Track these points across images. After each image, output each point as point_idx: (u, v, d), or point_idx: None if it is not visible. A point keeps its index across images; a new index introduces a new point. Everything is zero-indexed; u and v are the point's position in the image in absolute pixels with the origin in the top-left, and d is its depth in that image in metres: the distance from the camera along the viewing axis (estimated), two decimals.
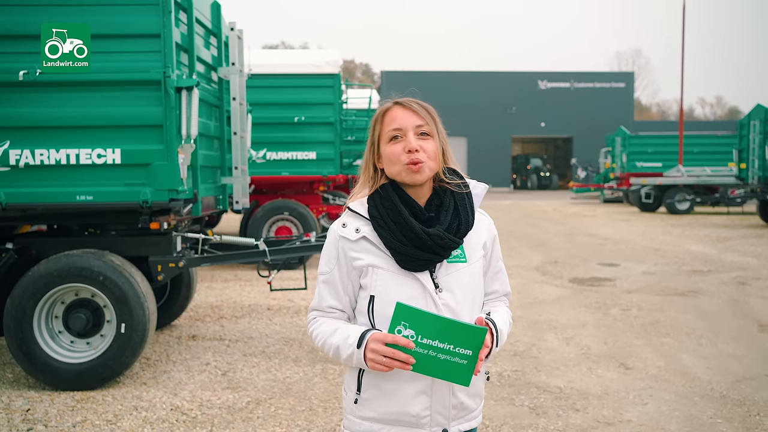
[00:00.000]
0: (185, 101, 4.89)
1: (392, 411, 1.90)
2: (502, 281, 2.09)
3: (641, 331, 6.81)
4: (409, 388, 1.88)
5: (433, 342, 1.72)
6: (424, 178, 1.89)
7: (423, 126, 1.90)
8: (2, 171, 4.79)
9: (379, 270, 1.89)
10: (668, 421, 4.38)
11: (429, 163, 1.89)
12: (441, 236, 1.85)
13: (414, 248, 1.85)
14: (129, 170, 4.87)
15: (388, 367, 1.77)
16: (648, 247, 13.70)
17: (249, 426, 4.28)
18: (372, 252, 1.90)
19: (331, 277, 1.95)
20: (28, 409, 4.55)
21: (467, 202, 1.95)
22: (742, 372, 5.43)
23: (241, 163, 6.37)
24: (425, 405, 1.89)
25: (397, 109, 1.93)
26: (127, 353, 4.95)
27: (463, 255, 1.93)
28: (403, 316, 1.72)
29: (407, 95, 1.99)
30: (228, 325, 7.03)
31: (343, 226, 1.94)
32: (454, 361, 1.73)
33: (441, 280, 1.90)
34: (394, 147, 1.89)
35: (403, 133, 1.89)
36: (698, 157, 26.10)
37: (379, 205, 1.92)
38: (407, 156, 1.87)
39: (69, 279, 4.89)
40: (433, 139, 1.91)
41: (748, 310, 7.77)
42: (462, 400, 1.94)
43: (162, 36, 4.81)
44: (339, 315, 1.97)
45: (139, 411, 4.53)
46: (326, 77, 11.18)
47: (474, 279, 1.96)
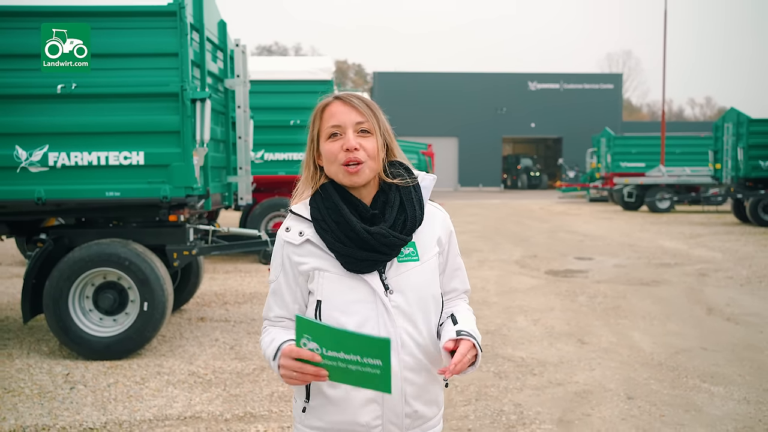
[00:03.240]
0: (199, 111, 5.68)
1: (341, 420, 1.83)
2: (462, 278, 2.01)
3: (602, 314, 7.63)
4: (358, 395, 1.81)
5: (338, 354, 1.62)
6: (362, 180, 1.82)
7: (363, 123, 1.82)
8: (42, 171, 5.57)
9: (324, 273, 1.82)
10: (609, 382, 5.20)
11: (369, 162, 1.81)
12: (384, 234, 1.78)
13: (357, 249, 1.78)
14: (151, 170, 5.66)
15: (302, 381, 1.69)
16: (624, 243, 14.54)
17: (256, 386, 5.08)
18: (317, 255, 1.83)
19: (277, 286, 1.90)
20: (68, 373, 5.34)
21: (414, 196, 1.87)
22: (682, 346, 6.26)
23: (245, 163, 7.16)
24: (376, 414, 1.82)
25: (337, 105, 1.84)
26: (149, 328, 5.74)
27: (415, 253, 1.85)
28: (304, 329, 1.64)
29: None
30: (232, 309, 7.82)
31: (286, 230, 1.88)
32: (366, 371, 1.61)
33: (391, 281, 1.82)
34: (333, 145, 1.81)
35: (342, 130, 1.81)
36: (680, 157, 26.99)
37: (320, 205, 1.84)
38: (345, 155, 1.79)
39: (99, 264, 5.68)
40: (373, 137, 1.83)
41: (702, 297, 8.60)
42: (416, 409, 1.85)
43: (179, 55, 5.60)
44: (287, 324, 1.90)
45: (162, 375, 5.33)
46: (320, 83, 11.98)
47: (428, 278, 1.87)
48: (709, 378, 5.29)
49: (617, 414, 4.55)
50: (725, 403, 4.74)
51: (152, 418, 4.42)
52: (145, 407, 4.62)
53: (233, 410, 4.57)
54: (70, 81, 5.51)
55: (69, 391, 4.95)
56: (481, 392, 4.96)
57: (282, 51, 78.81)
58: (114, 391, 4.96)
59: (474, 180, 48.05)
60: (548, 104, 49.19)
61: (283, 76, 11.86)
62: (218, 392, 4.94)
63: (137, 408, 4.61)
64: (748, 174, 17.95)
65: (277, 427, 4.27)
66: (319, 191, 1.87)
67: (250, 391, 4.96)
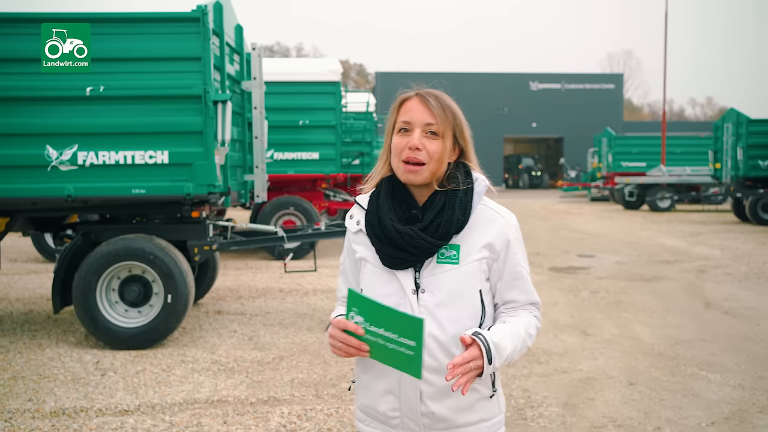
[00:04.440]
0: (221, 112, 5.96)
1: (367, 404, 1.92)
2: (523, 289, 1.92)
3: (604, 308, 7.91)
4: (379, 384, 1.87)
5: (379, 330, 1.70)
6: (419, 180, 1.84)
7: (433, 125, 1.83)
8: (72, 169, 5.85)
9: (367, 264, 1.91)
10: (611, 370, 5.48)
11: (430, 165, 1.83)
12: (411, 235, 1.80)
13: (390, 246, 1.83)
14: (175, 168, 5.94)
15: (346, 353, 1.75)
16: (625, 240, 14.82)
17: (277, 374, 5.36)
18: (365, 245, 1.92)
19: (344, 268, 2.02)
20: (97, 361, 5.63)
21: (460, 201, 1.85)
22: (681, 337, 6.54)
23: (261, 162, 7.44)
24: (393, 405, 1.86)
25: (414, 101, 1.87)
26: (173, 319, 6.02)
27: (456, 256, 1.84)
28: (354, 303, 1.73)
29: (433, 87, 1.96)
30: (247, 303, 8.10)
31: (350, 218, 1.97)
32: (401, 351, 1.67)
33: (424, 281, 1.84)
34: (400, 139, 1.85)
35: (411, 127, 1.84)
36: (681, 157, 27.26)
37: (374, 198, 1.91)
38: (407, 152, 1.82)
39: (125, 258, 5.97)
40: (440, 140, 1.84)
41: (700, 292, 8.88)
42: (434, 410, 1.83)
43: (202, 59, 5.87)
44: None
45: (186, 363, 5.61)
46: (328, 84, 12.27)
47: (465, 282, 1.84)
48: (707, 366, 5.57)
49: (619, 398, 4.83)
50: (721, 388, 5.02)
51: (182, 402, 4.70)
52: (174, 392, 4.90)
53: (257, 395, 4.85)
54: (99, 84, 5.79)
55: (101, 377, 5.23)
56: None
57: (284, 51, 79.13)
58: (143, 377, 5.24)
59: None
60: (550, 104, 49.46)
61: (292, 78, 12.14)
62: (241, 378, 5.22)
63: (167, 392, 4.89)
64: (747, 173, 18.22)
65: (300, 409, 4.55)
66: (378, 184, 1.94)
67: (272, 378, 5.24)
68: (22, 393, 4.86)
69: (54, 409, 4.53)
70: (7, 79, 5.79)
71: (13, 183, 5.84)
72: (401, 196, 1.89)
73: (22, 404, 4.62)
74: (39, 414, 4.45)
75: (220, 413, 4.48)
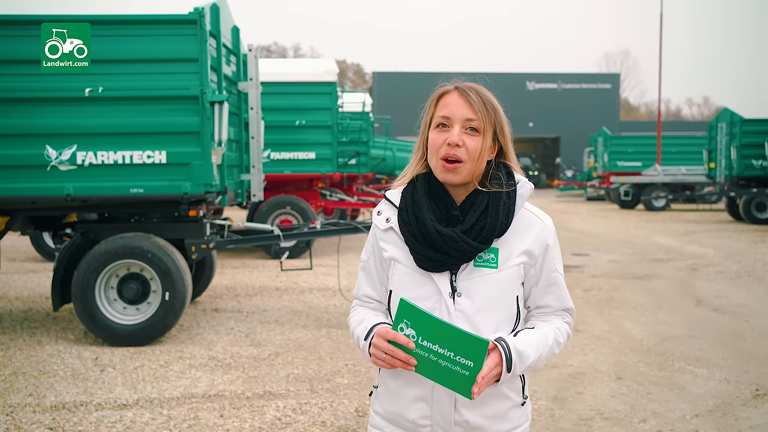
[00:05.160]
0: (217, 113, 6.06)
1: (393, 411, 1.86)
2: (558, 295, 1.88)
3: (596, 306, 8.02)
4: (410, 391, 1.81)
5: (433, 346, 1.63)
6: (458, 180, 1.77)
7: (474, 121, 1.76)
8: (71, 169, 5.95)
9: (398, 264, 1.82)
10: (601, 365, 5.60)
11: (468, 164, 1.76)
12: (454, 238, 1.73)
13: (428, 247, 1.75)
14: (172, 168, 6.04)
15: (390, 365, 1.69)
16: (619, 239, 14.94)
17: (272, 369, 5.46)
18: (397, 244, 1.83)
19: (368, 265, 1.92)
20: (96, 357, 5.73)
21: (503, 203, 1.79)
22: (671, 333, 6.65)
23: (257, 162, 7.54)
24: (424, 413, 1.80)
25: (453, 96, 1.80)
26: (170, 317, 6.12)
27: (495, 260, 1.78)
28: (406, 314, 1.65)
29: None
30: (243, 301, 8.20)
31: (378, 214, 1.89)
32: (455, 370, 1.63)
33: (461, 284, 1.77)
34: (438, 136, 1.77)
35: (450, 122, 1.77)
36: (676, 156, 27.43)
37: (408, 196, 1.83)
38: (446, 149, 1.75)
39: (124, 256, 6.07)
40: (480, 137, 1.77)
41: (692, 290, 9.00)
42: (468, 419, 1.79)
43: (199, 60, 5.97)
44: (376, 306, 1.92)
45: (184, 359, 5.71)
46: (324, 85, 12.39)
47: (503, 287, 1.79)
48: (694, 361, 5.69)
49: (607, 392, 4.94)
50: (707, 382, 5.14)
51: (179, 396, 4.80)
52: (172, 387, 5.01)
53: (253, 389, 4.95)
54: (97, 85, 5.89)
55: (100, 372, 5.34)
56: None
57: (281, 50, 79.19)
58: (141, 373, 5.34)
59: None
60: (546, 104, 49.62)
61: (288, 78, 12.25)
62: (238, 374, 5.32)
63: (164, 387, 5.00)
64: (741, 173, 18.36)
65: (295, 403, 4.66)
66: (413, 181, 1.86)
67: (267, 373, 5.35)
68: (23, 388, 4.96)
69: (54, 404, 4.63)
70: (7, 80, 5.89)
71: (13, 182, 5.94)
72: (438, 194, 1.82)
73: (23, 399, 4.72)
74: (40, 408, 4.55)
75: (216, 407, 4.59)
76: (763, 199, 17.93)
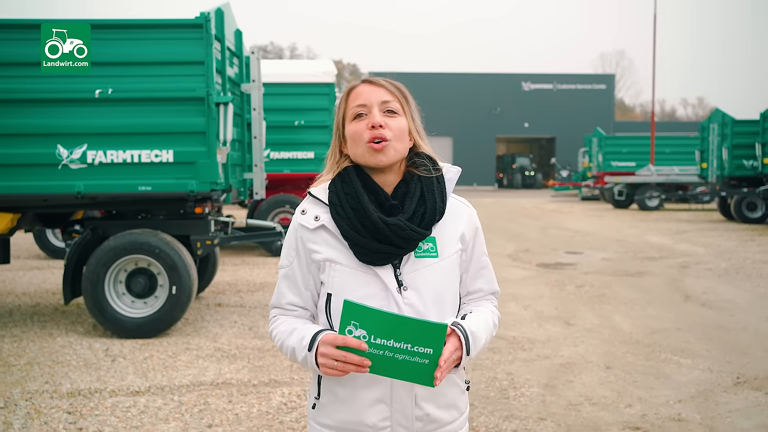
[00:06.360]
0: (222, 113, 6.30)
1: (348, 420, 1.76)
2: (488, 278, 1.90)
3: (588, 301, 8.28)
4: (366, 395, 1.74)
5: (388, 342, 1.57)
6: (388, 160, 1.73)
7: (390, 102, 1.76)
8: (81, 168, 6.18)
9: (336, 265, 1.74)
10: (591, 355, 5.85)
11: (394, 143, 1.73)
12: (401, 226, 1.70)
13: (372, 239, 1.70)
14: (179, 167, 6.27)
15: (342, 371, 1.61)
16: (612, 238, 15.20)
17: (276, 360, 5.70)
18: (330, 244, 1.75)
19: (291, 271, 1.81)
20: (107, 348, 5.96)
21: (436, 188, 1.78)
22: (659, 327, 6.91)
23: (259, 161, 7.78)
24: (384, 415, 1.75)
25: (363, 86, 1.79)
26: (177, 310, 6.35)
27: (434, 249, 1.76)
28: (353, 315, 1.57)
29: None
30: (245, 296, 8.44)
31: (302, 213, 1.79)
32: (414, 361, 1.58)
33: (406, 277, 1.73)
34: (358, 125, 1.74)
35: (367, 109, 1.75)
36: (670, 157, 27.74)
37: (339, 189, 1.76)
38: (370, 132, 1.72)
39: (132, 251, 6.30)
40: (400, 117, 1.77)
41: (681, 286, 9.26)
42: (428, 412, 1.76)
43: (205, 63, 6.21)
44: (301, 313, 1.83)
45: (191, 350, 5.95)
46: (323, 86, 12.64)
47: (446, 276, 1.78)
48: (680, 352, 5.94)
49: (596, 380, 5.19)
50: (691, 372, 5.40)
51: (189, 384, 5.04)
52: (181, 375, 5.25)
53: (259, 377, 5.19)
54: (107, 86, 6.12)
55: (111, 362, 5.57)
56: (477, 364, 5.60)
57: (277, 50, 79.32)
58: (151, 363, 5.58)
59: (468, 179, 48.68)
60: (542, 104, 49.95)
61: (288, 79, 12.48)
62: (243, 364, 5.56)
63: (174, 376, 5.23)
64: (732, 173, 18.66)
65: (300, 390, 4.90)
66: (340, 174, 1.79)
67: (272, 363, 5.58)
68: (39, 376, 5.19)
69: (70, 390, 4.87)
70: (21, 82, 6.12)
71: (25, 180, 6.17)
72: (369, 187, 1.77)
73: (41, 386, 4.96)
74: (57, 394, 4.78)
75: (225, 393, 4.82)
76: (753, 198, 18.23)
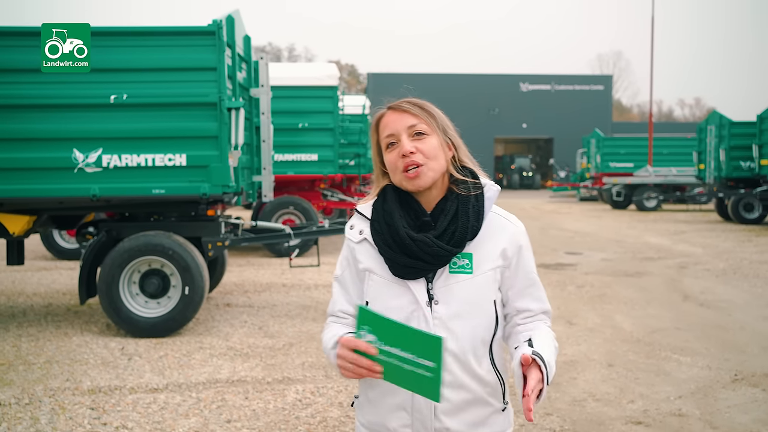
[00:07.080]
0: (234, 118, 6.46)
1: (375, 421, 1.85)
2: (536, 296, 1.90)
3: (589, 301, 8.46)
4: (390, 400, 1.80)
5: (394, 349, 1.59)
6: (426, 183, 1.79)
7: (416, 125, 1.80)
8: (97, 171, 6.34)
9: (373, 275, 1.83)
10: (593, 354, 6.03)
11: (429, 163, 1.78)
12: (428, 243, 1.74)
13: (402, 254, 1.76)
14: (192, 170, 6.44)
15: (356, 374, 1.65)
16: (611, 239, 15.40)
17: (288, 358, 5.87)
18: (371, 255, 1.84)
19: (343, 279, 1.92)
20: (122, 347, 6.13)
21: (472, 206, 1.80)
22: (659, 326, 7.09)
23: (268, 164, 7.95)
24: (404, 422, 1.80)
25: (388, 115, 1.84)
26: (190, 310, 6.52)
27: (469, 265, 1.79)
28: (365, 321, 1.62)
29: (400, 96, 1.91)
30: (253, 297, 8.60)
31: (350, 228, 1.91)
32: (420, 372, 1.57)
33: (438, 291, 1.77)
34: (392, 154, 1.81)
35: (396, 138, 1.80)
36: (667, 158, 27.98)
37: (379, 207, 1.85)
38: (403, 161, 1.78)
39: (146, 252, 6.46)
40: (431, 137, 1.80)
41: (680, 286, 9.44)
42: (448, 426, 1.78)
43: (217, 69, 6.37)
44: (350, 321, 1.89)
45: (204, 349, 6.11)
46: (326, 89, 12.82)
47: (479, 293, 1.79)
48: (679, 351, 6.12)
49: (599, 377, 5.37)
50: (690, 369, 5.58)
51: (205, 381, 5.21)
52: (197, 373, 5.41)
53: (273, 375, 5.36)
54: (122, 92, 6.29)
55: (128, 361, 5.73)
56: None
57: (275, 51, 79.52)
58: (166, 361, 5.74)
59: None
60: (540, 105, 50.17)
61: (292, 82, 12.65)
62: (257, 362, 5.73)
63: (190, 374, 5.40)
64: (729, 174, 18.86)
65: (313, 387, 5.07)
66: (381, 192, 1.88)
67: (284, 362, 5.75)
68: (59, 374, 5.35)
69: (91, 388, 5.03)
70: (38, 88, 6.27)
71: (42, 183, 6.33)
72: (409, 203, 1.84)
73: (62, 383, 5.12)
74: (78, 392, 4.95)
75: (241, 390, 4.99)
76: (750, 199, 18.43)
